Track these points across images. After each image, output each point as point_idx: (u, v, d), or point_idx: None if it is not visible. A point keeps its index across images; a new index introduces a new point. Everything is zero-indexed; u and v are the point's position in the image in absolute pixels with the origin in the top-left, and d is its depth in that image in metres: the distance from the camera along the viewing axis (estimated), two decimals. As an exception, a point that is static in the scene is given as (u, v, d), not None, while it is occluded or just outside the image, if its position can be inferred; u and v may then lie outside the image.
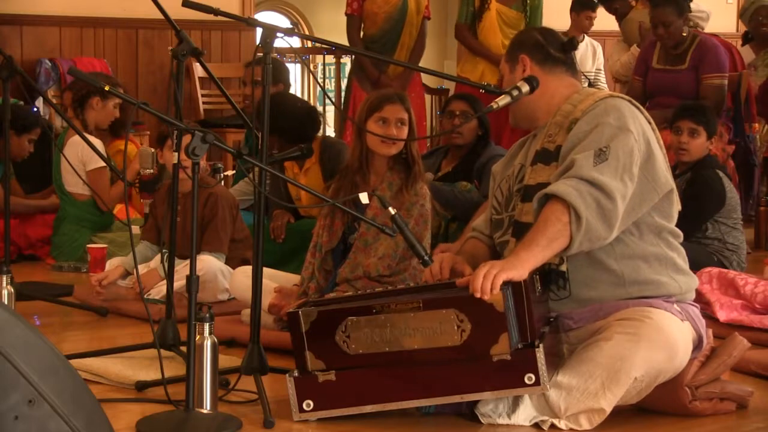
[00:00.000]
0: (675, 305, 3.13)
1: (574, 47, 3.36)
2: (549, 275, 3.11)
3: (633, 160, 3.07)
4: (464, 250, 3.42)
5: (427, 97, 7.24)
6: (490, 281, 2.85)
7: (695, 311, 3.21)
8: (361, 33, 6.86)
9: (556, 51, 3.31)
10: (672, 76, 6.27)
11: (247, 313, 3.73)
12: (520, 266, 2.91)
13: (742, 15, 8.03)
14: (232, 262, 4.68)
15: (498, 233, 3.33)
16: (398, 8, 6.79)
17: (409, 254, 3.84)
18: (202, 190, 4.70)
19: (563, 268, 3.09)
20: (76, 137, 5.44)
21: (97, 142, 5.29)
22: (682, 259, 3.23)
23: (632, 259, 3.13)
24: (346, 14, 6.85)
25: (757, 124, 7.02)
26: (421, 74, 7.17)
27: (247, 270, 4.18)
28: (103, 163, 5.42)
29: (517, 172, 3.31)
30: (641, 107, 3.23)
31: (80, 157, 5.53)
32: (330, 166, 5.06)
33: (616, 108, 3.15)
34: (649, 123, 3.21)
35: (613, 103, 3.17)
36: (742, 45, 7.74)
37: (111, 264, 4.84)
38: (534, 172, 3.20)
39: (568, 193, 2.98)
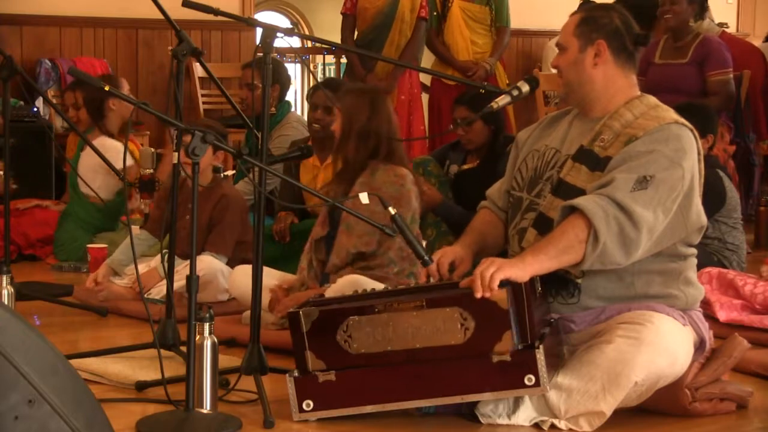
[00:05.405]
0: (677, 309, 3.12)
1: (646, 43, 3.26)
2: (562, 282, 3.09)
3: (672, 196, 3.02)
4: (474, 226, 3.39)
5: (424, 97, 7.17)
6: (487, 278, 2.85)
7: (698, 315, 3.20)
8: (356, 33, 6.82)
9: (631, 43, 3.20)
10: (673, 70, 6.23)
11: (248, 315, 3.73)
12: (522, 268, 2.90)
13: None
14: (233, 262, 4.67)
15: (515, 216, 3.27)
16: (389, 3, 6.67)
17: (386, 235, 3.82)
18: (215, 191, 4.70)
19: (579, 280, 3.08)
20: (100, 141, 5.55)
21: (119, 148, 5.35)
22: (692, 271, 3.20)
23: (647, 273, 3.12)
24: (342, 13, 6.81)
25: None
26: (420, 75, 7.12)
27: (245, 269, 4.17)
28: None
29: (551, 156, 3.23)
30: (698, 138, 3.14)
31: (100, 162, 5.52)
32: None
33: (678, 138, 3.07)
34: (699, 154, 3.13)
35: (677, 132, 3.08)
36: (763, 42, 7.73)
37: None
38: (575, 170, 3.14)
39: (594, 213, 2.94)
